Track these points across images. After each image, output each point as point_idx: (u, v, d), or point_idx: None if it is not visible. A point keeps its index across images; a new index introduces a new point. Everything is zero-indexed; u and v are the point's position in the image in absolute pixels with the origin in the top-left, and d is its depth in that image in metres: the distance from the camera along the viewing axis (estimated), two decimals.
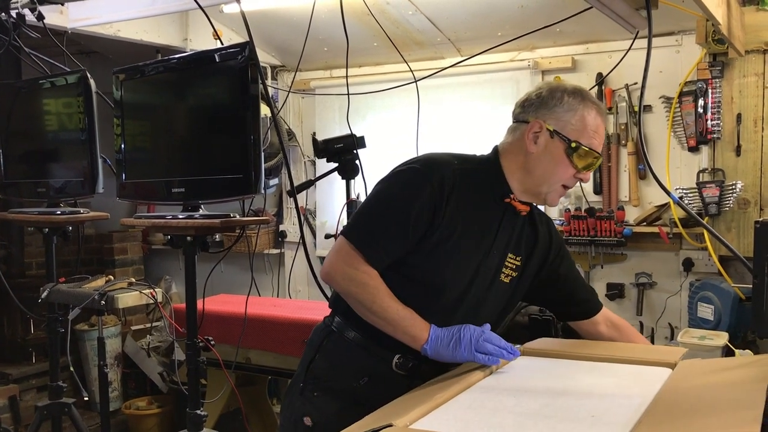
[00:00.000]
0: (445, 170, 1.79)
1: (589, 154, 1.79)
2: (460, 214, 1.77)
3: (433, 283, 1.78)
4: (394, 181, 1.81)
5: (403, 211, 1.74)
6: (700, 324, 3.44)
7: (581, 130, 1.79)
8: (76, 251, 3.43)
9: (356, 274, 1.73)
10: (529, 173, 1.84)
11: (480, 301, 1.85)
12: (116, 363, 4.79)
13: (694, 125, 3.63)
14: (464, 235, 1.78)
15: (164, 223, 2.40)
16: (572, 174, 1.82)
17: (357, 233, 1.78)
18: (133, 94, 2.61)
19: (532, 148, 1.82)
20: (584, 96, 1.83)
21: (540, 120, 1.82)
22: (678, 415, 1.27)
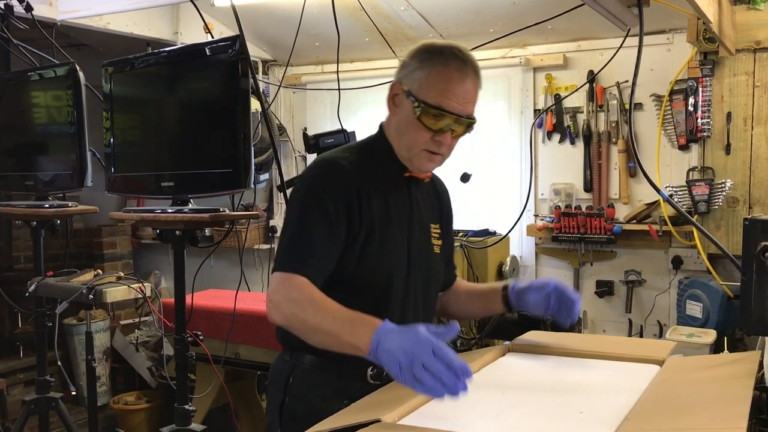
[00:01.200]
0: (343, 166, 1.71)
1: (441, 116, 1.66)
2: (373, 204, 1.70)
3: (376, 283, 1.71)
4: (299, 197, 1.71)
5: (320, 219, 1.65)
6: (688, 322, 3.46)
7: (429, 88, 1.67)
8: (65, 245, 3.40)
9: (289, 293, 1.58)
10: (397, 138, 1.76)
11: (426, 281, 1.81)
12: (105, 358, 4.76)
13: (684, 123, 3.64)
14: (384, 223, 1.72)
15: (153, 217, 2.39)
16: (428, 137, 1.69)
17: (283, 261, 1.63)
18: (123, 87, 2.59)
19: (393, 111, 1.76)
20: (441, 52, 1.69)
21: (398, 82, 1.73)
22: (665, 411, 1.27)
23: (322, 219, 1.65)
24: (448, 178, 2.15)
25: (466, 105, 1.69)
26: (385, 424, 1.27)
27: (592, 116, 4.00)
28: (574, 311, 1.83)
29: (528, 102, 4.20)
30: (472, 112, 1.72)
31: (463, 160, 4.38)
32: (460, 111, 1.68)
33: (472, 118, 1.72)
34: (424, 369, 1.30)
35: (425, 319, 1.82)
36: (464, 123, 1.70)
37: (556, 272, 4.17)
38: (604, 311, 4.05)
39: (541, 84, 4.16)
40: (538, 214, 4.18)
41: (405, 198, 1.80)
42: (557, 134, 4.13)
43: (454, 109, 1.67)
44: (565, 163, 4.12)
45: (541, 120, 4.14)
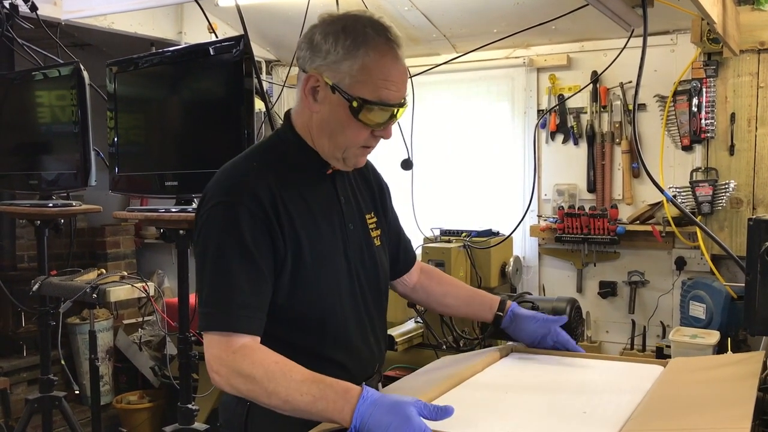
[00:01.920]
0: (251, 181, 1.47)
1: (382, 110, 1.46)
2: (294, 215, 1.49)
3: (318, 298, 1.52)
4: (208, 232, 1.45)
5: (241, 256, 1.41)
6: (692, 323, 3.46)
7: (364, 81, 1.44)
8: (68, 244, 3.41)
9: (238, 366, 1.35)
10: (319, 136, 1.53)
11: (373, 280, 1.65)
12: (108, 357, 4.77)
13: (688, 124, 3.63)
14: (313, 232, 1.52)
15: (157, 216, 2.40)
16: (368, 134, 1.50)
17: (213, 318, 1.40)
18: (127, 86, 2.60)
19: (314, 108, 1.50)
20: (364, 33, 1.46)
21: (316, 72, 1.47)
22: (669, 411, 1.27)
23: (243, 255, 1.42)
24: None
25: (402, 90, 1.50)
26: None
27: (596, 117, 4.00)
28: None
29: (531, 102, 4.19)
30: (405, 95, 1.52)
31: (466, 160, 4.39)
32: (399, 98, 1.49)
33: (405, 100, 1.52)
34: None
35: (381, 320, 1.70)
36: (401, 109, 1.50)
37: (559, 273, 4.16)
38: (607, 312, 4.04)
39: (544, 84, 4.16)
40: (541, 214, 4.17)
41: (331, 197, 1.59)
42: (561, 135, 4.13)
43: (394, 99, 1.48)
44: (568, 164, 4.12)
45: (545, 120, 4.13)
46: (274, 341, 1.43)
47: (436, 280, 1.93)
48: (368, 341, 1.64)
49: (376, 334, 1.67)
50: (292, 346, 1.47)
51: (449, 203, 4.39)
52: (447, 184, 4.42)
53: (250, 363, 1.35)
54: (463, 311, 1.95)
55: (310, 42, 1.50)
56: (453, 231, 3.68)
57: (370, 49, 1.45)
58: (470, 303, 1.90)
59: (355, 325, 1.60)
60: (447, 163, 4.43)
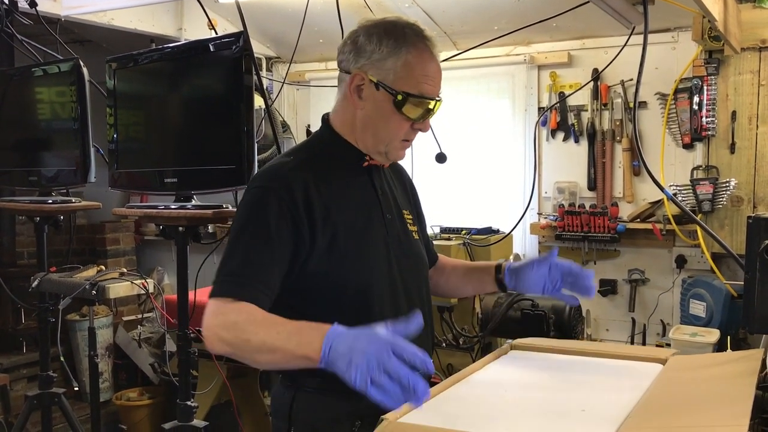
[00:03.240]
0: (286, 173, 1.57)
1: (422, 103, 1.58)
2: (330, 206, 1.57)
3: (356, 287, 1.57)
4: (239, 216, 1.57)
5: (260, 238, 1.50)
6: (692, 321, 3.46)
7: (406, 77, 1.57)
8: (68, 241, 3.41)
9: (226, 317, 1.41)
10: (363, 132, 1.64)
11: (414, 269, 1.71)
12: (107, 354, 4.77)
13: (689, 122, 3.63)
14: (351, 222, 1.59)
15: (156, 213, 2.40)
16: (408, 127, 1.62)
17: (219, 286, 1.47)
18: (126, 83, 2.60)
19: (358, 105, 1.62)
20: (404, 34, 1.59)
21: (361, 71, 1.59)
22: (668, 409, 1.27)
23: (263, 235, 1.50)
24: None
25: (438, 85, 1.63)
26: (389, 422, 1.26)
27: (597, 114, 3.99)
28: (586, 285, 1.70)
29: (532, 100, 4.19)
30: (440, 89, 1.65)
31: (466, 157, 4.38)
32: (436, 94, 1.62)
33: (440, 96, 1.64)
34: (383, 372, 1.18)
35: (424, 307, 1.71)
36: (438, 104, 1.62)
37: None
38: (608, 310, 4.04)
39: (545, 82, 4.15)
40: (541, 212, 4.17)
41: (368, 189, 1.68)
42: (561, 132, 4.12)
43: (432, 94, 1.60)
44: (568, 162, 4.11)
45: (545, 118, 4.13)
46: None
47: (439, 270, 1.96)
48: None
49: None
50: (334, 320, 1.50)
51: (449, 200, 4.38)
52: (447, 181, 4.42)
53: (237, 311, 1.41)
54: (468, 288, 1.99)
55: (354, 44, 1.62)
56: (453, 228, 3.68)
57: (411, 47, 1.57)
58: (471, 276, 1.93)
59: (394, 312, 1.60)
60: (447, 161, 4.41)
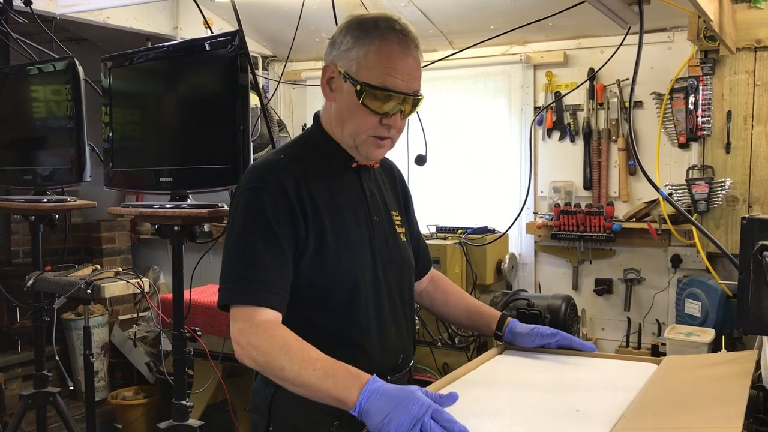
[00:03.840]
0: (277, 173, 1.55)
1: (387, 97, 1.52)
2: (319, 204, 1.56)
3: (340, 288, 1.57)
4: (237, 216, 1.54)
5: (265, 237, 1.49)
6: (687, 320, 3.46)
7: (370, 67, 1.52)
8: (63, 240, 3.40)
9: (259, 340, 1.42)
10: (336, 125, 1.61)
11: (398, 272, 1.69)
12: (103, 353, 4.77)
13: (684, 122, 3.64)
14: (337, 222, 1.58)
15: (152, 212, 2.39)
16: (375, 122, 1.55)
17: (236, 292, 1.47)
18: (122, 82, 2.59)
19: (330, 97, 1.60)
20: (376, 26, 1.54)
21: (332, 63, 1.58)
22: (662, 410, 1.27)
23: (267, 235, 1.49)
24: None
25: (412, 81, 1.55)
26: None
27: (593, 114, 4.00)
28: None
29: (528, 99, 4.19)
30: (419, 89, 1.58)
31: (462, 156, 4.38)
32: (406, 89, 1.54)
33: (419, 94, 1.58)
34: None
35: (404, 312, 1.72)
36: (411, 101, 1.56)
37: (555, 270, 4.16)
38: (603, 309, 4.05)
39: (541, 81, 4.16)
40: (537, 211, 4.17)
41: (356, 190, 1.65)
42: (557, 132, 4.13)
43: (399, 88, 1.53)
44: (564, 161, 4.12)
45: (541, 117, 4.13)
46: (298, 322, 1.50)
47: (441, 289, 1.97)
48: (390, 330, 1.66)
49: (399, 324, 1.69)
50: (316, 328, 1.54)
51: (445, 200, 4.38)
52: (443, 180, 4.42)
53: (270, 337, 1.42)
54: (464, 323, 2.01)
55: (332, 39, 1.61)
56: (449, 228, 3.69)
57: (376, 37, 1.53)
58: (470, 317, 1.93)
59: (376, 312, 1.62)
60: (443, 160, 4.42)
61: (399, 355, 1.69)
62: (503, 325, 1.83)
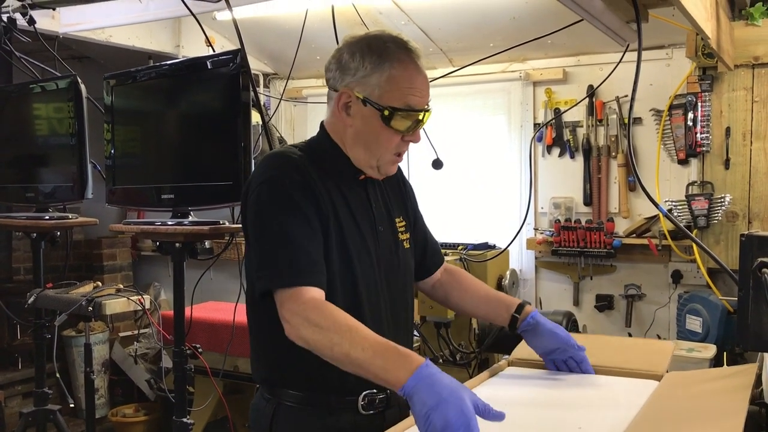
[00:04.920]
0: (294, 159, 1.59)
1: (410, 116, 1.59)
2: (335, 202, 1.60)
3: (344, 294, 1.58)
4: (265, 201, 1.55)
5: (298, 219, 1.52)
6: (688, 336, 3.45)
7: (392, 91, 1.57)
8: (65, 257, 3.41)
9: (308, 315, 1.43)
10: (354, 147, 1.64)
11: (397, 283, 1.70)
12: (103, 370, 4.76)
13: (683, 138, 3.65)
14: (351, 224, 1.61)
15: (153, 229, 2.40)
16: (398, 140, 1.61)
17: (281, 275, 1.49)
18: (124, 99, 2.61)
19: (348, 122, 1.62)
20: (387, 48, 1.59)
21: (348, 89, 1.60)
22: (663, 425, 1.27)
23: (300, 218, 1.52)
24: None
25: (426, 97, 1.63)
26: None
27: (592, 130, 4.02)
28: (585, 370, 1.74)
29: (528, 116, 4.21)
30: (429, 99, 1.65)
31: (462, 173, 4.39)
32: (424, 105, 1.62)
33: (429, 106, 1.64)
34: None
35: (405, 320, 1.74)
36: (427, 113, 1.62)
37: (555, 286, 4.16)
38: (604, 325, 4.04)
39: (540, 98, 4.18)
40: (537, 227, 4.18)
41: (363, 200, 1.68)
42: (557, 148, 4.14)
43: (420, 105, 1.60)
44: (564, 177, 4.13)
45: (541, 134, 4.15)
46: None
47: (457, 279, 1.94)
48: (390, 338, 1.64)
49: (398, 331, 1.69)
50: None
51: (446, 216, 4.39)
52: (443, 197, 4.43)
53: (320, 313, 1.43)
54: (482, 310, 1.93)
55: (339, 62, 1.62)
56: (449, 244, 3.69)
57: (394, 61, 1.58)
58: (488, 302, 1.89)
59: (376, 320, 1.62)
60: (444, 176, 4.43)
61: None
62: (522, 310, 1.79)
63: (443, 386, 1.25)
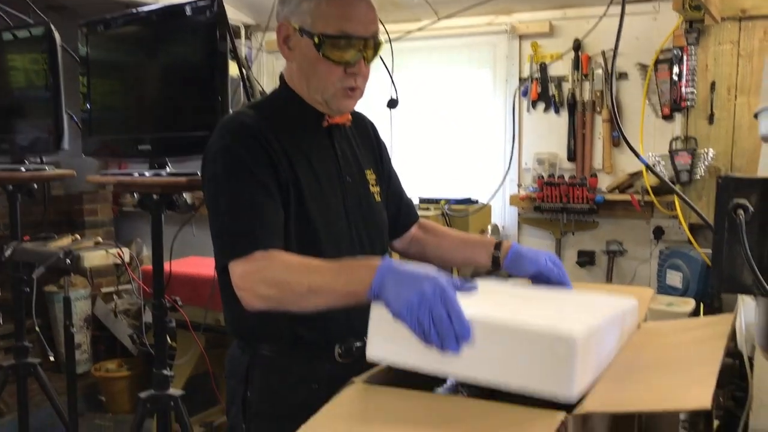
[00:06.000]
0: (252, 125, 1.52)
1: (347, 44, 1.50)
2: (294, 162, 1.53)
3: (314, 251, 1.51)
4: (219, 171, 1.50)
5: (254, 187, 1.47)
6: (669, 291, 3.49)
7: (324, 17, 1.50)
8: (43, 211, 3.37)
9: (261, 274, 1.39)
10: (301, 83, 1.58)
11: (370, 236, 1.66)
12: (86, 325, 4.74)
13: (668, 93, 3.63)
14: (312, 183, 1.55)
15: (130, 180, 2.36)
16: (341, 73, 1.53)
17: (235, 246, 1.43)
18: (100, 49, 2.55)
19: (289, 56, 1.58)
20: None
21: (285, 21, 1.56)
22: (636, 373, 1.27)
23: (254, 185, 1.47)
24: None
25: (369, 25, 1.54)
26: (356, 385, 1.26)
27: (577, 85, 3.98)
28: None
29: (513, 70, 4.17)
30: (378, 32, 1.56)
31: (446, 127, 4.36)
32: (365, 32, 1.53)
33: (379, 38, 1.56)
34: (428, 312, 1.16)
35: None
36: (372, 45, 1.54)
37: (537, 242, 4.17)
38: (585, 281, 4.06)
39: (526, 52, 4.13)
40: (521, 183, 4.17)
41: (329, 150, 1.63)
42: (542, 103, 4.11)
43: (358, 32, 1.51)
44: (549, 133, 4.11)
45: (526, 89, 4.11)
46: None
47: (432, 230, 1.90)
48: None
49: None
50: None
51: (428, 171, 4.37)
52: (426, 151, 4.41)
53: (271, 265, 1.39)
54: (460, 254, 1.85)
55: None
56: (431, 199, 3.68)
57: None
58: (466, 245, 1.82)
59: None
60: (427, 131, 4.41)
61: None
62: (501, 247, 1.72)
63: (409, 270, 1.23)
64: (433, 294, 1.17)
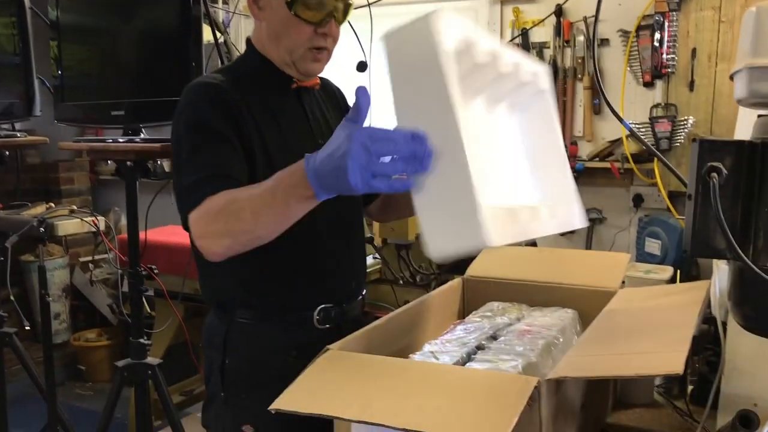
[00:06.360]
0: (218, 86, 1.49)
1: (319, 4, 1.49)
2: (262, 125, 1.50)
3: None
4: (180, 133, 1.46)
5: (213, 140, 1.42)
6: (647, 259, 3.50)
7: None
8: (16, 179, 3.31)
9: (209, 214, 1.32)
10: (270, 44, 1.56)
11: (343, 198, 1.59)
12: (65, 295, 4.71)
13: (650, 60, 3.61)
14: (281, 146, 1.51)
15: (103, 146, 2.32)
16: (310, 33, 1.51)
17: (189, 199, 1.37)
18: (70, 12, 2.49)
19: (259, 16, 1.56)
20: None
21: None
22: (612, 338, 1.27)
23: (215, 138, 1.42)
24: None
25: None
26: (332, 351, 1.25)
27: (559, 52, 3.95)
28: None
29: (495, 37, 4.12)
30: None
31: None
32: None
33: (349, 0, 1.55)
34: (376, 159, 1.09)
35: (355, 237, 1.69)
36: (342, 6, 1.53)
37: None
38: (565, 248, 4.08)
39: (508, 18, 4.09)
40: None
41: (298, 112, 1.60)
42: None
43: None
44: None
45: None
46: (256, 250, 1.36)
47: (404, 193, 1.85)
48: (344, 254, 1.64)
49: (350, 249, 1.67)
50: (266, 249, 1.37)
51: None
52: None
53: (213, 204, 1.32)
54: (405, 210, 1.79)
55: None
56: None
57: None
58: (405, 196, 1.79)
59: (327, 235, 1.58)
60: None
61: (352, 282, 1.68)
62: None
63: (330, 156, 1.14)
64: (363, 141, 1.10)
